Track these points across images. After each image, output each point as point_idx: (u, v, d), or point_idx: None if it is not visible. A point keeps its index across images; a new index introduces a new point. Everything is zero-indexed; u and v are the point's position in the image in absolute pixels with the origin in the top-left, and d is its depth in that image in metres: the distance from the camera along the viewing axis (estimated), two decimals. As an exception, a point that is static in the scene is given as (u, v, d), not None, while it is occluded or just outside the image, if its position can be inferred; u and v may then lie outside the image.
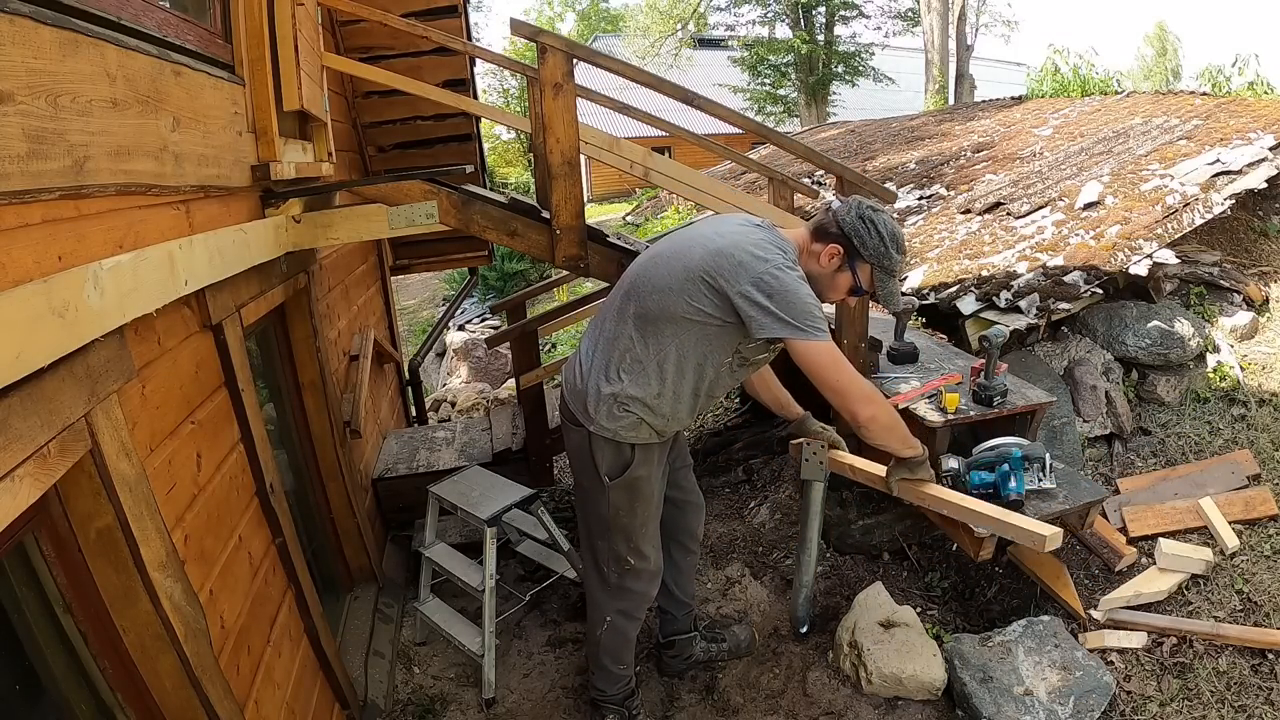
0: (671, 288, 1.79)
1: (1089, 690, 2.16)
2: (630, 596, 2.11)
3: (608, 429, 1.88)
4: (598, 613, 2.15)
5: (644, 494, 1.99)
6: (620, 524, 1.99)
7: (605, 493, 1.95)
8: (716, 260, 1.75)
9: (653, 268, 1.87)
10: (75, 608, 1.22)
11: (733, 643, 2.56)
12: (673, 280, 1.79)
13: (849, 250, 1.82)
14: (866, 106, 18.97)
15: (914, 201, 5.56)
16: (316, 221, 2.21)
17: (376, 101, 4.19)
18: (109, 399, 1.20)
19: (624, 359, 1.85)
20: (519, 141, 24.50)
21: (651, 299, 1.82)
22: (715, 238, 1.81)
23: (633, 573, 2.06)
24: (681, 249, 1.85)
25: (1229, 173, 3.88)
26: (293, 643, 1.98)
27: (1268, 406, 3.21)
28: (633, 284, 1.89)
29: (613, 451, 1.92)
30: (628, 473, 1.93)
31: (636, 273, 1.91)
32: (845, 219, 1.81)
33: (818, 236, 1.85)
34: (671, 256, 1.85)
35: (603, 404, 1.87)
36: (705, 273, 1.75)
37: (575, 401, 1.93)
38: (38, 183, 1.01)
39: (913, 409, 2.59)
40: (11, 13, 0.95)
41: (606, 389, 1.86)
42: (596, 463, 1.93)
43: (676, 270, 1.80)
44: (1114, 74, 9.54)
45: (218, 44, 1.87)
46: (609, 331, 1.90)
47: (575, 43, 2.60)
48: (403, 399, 5.05)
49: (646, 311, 1.82)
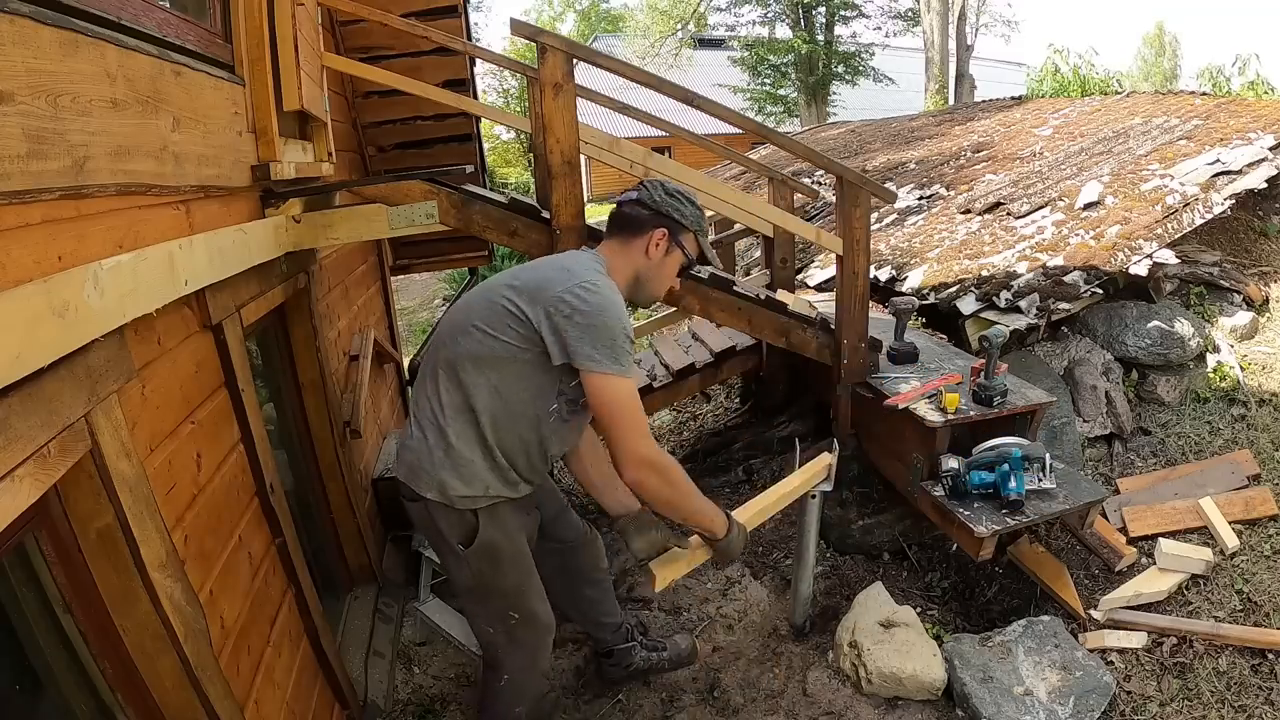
0: (471, 326, 1.65)
1: (1089, 690, 2.16)
2: (523, 650, 1.92)
3: (444, 495, 1.69)
4: (494, 671, 1.95)
5: (506, 556, 1.79)
6: (491, 588, 1.81)
7: (462, 562, 1.76)
8: (512, 290, 1.63)
9: (454, 314, 1.76)
10: (75, 608, 1.22)
11: (673, 652, 2.48)
12: (471, 318, 1.66)
13: (671, 228, 1.74)
14: (866, 106, 18.97)
15: (914, 201, 5.57)
16: (316, 221, 2.21)
17: (376, 101, 4.18)
18: (109, 399, 1.20)
19: (444, 414, 1.67)
20: (519, 141, 24.50)
21: (457, 343, 1.67)
22: (514, 273, 1.73)
23: (520, 625, 1.87)
24: (480, 289, 1.75)
25: (1229, 173, 3.88)
26: (293, 643, 1.98)
27: (1268, 406, 3.21)
28: (436, 339, 1.76)
29: (456, 519, 1.72)
30: (478, 539, 1.73)
31: (441, 326, 1.79)
32: (655, 199, 1.73)
33: (630, 233, 1.75)
34: (470, 299, 1.75)
35: (438, 468, 1.68)
36: (504, 301, 1.62)
37: (409, 473, 1.74)
38: (38, 183, 1.01)
39: (913, 409, 2.59)
40: (11, 13, 0.95)
41: (439, 450, 1.68)
42: (444, 533, 1.74)
43: (477, 308, 1.68)
44: (1114, 74, 9.56)
45: (218, 44, 1.87)
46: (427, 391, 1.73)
47: (575, 43, 2.60)
48: (403, 399, 5.04)
49: (454, 358, 1.67)
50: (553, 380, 1.66)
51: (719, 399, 4.86)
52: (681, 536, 1.96)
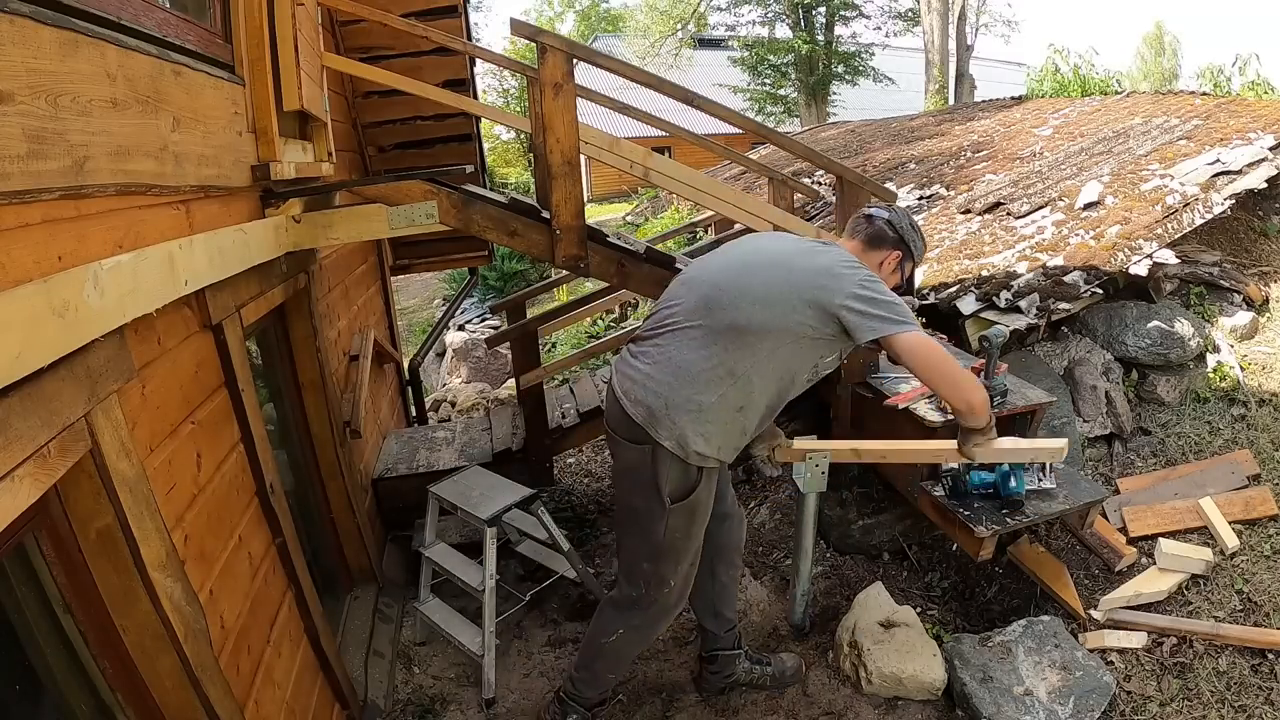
0: (774, 300, 1.77)
1: (1089, 690, 2.16)
2: (657, 615, 2.04)
3: (682, 449, 1.79)
4: (612, 621, 2.06)
5: (700, 516, 1.92)
6: (674, 547, 1.91)
7: (664, 516, 1.85)
8: (817, 277, 1.78)
9: (743, 280, 1.83)
10: (75, 608, 1.22)
11: (778, 669, 2.43)
12: (774, 293, 1.78)
13: (904, 254, 1.94)
14: (866, 106, 18.96)
15: (914, 201, 5.56)
16: (316, 221, 2.21)
17: (376, 101, 4.19)
18: (109, 399, 1.20)
19: (715, 373, 1.77)
20: (519, 141, 24.49)
21: (750, 311, 1.77)
22: (807, 255, 1.85)
23: (671, 592, 1.99)
24: (774, 263, 1.84)
25: (1229, 173, 3.88)
26: (293, 643, 1.98)
27: (1268, 406, 3.21)
28: (717, 297, 1.82)
29: (680, 472, 1.83)
30: (691, 496, 1.85)
31: (717, 284, 1.85)
32: (900, 226, 1.92)
33: (872, 245, 1.93)
34: (764, 269, 1.83)
35: (684, 420, 1.77)
36: (810, 287, 1.76)
37: (645, 416, 1.80)
38: (38, 183, 1.01)
39: (913, 409, 2.59)
40: (11, 13, 0.95)
41: (692, 404, 1.77)
42: (659, 484, 1.83)
43: (777, 283, 1.79)
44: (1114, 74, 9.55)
45: (218, 44, 1.87)
46: (691, 344, 1.80)
47: (575, 43, 2.60)
48: (403, 399, 5.04)
49: (742, 324, 1.77)
50: (816, 355, 1.84)
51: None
52: None
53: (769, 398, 1.85)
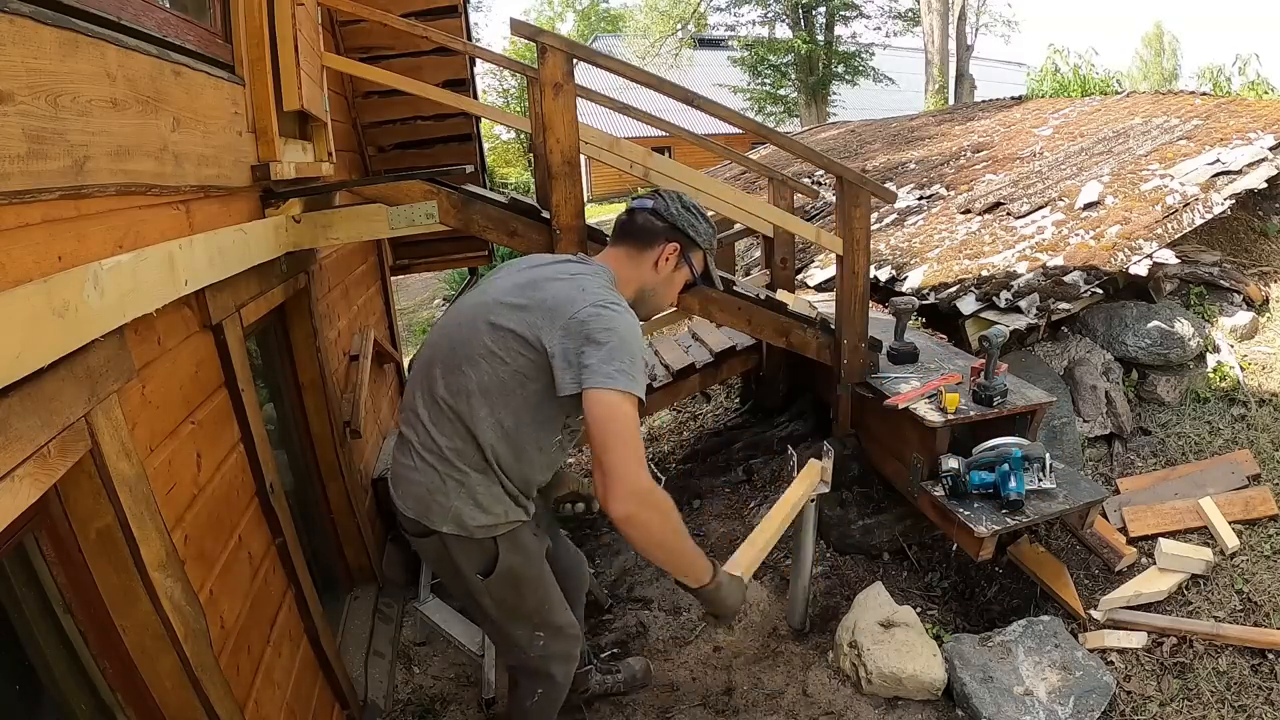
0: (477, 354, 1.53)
1: (1089, 690, 2.16)
2: (556, 662, 1.89)
3: (463, 528, 1.61)
4: (527, 686, 1.93)
5: (528, 577, 1.73)
6: (515, 612, 1.76)
7: (484, 593, 1.70)
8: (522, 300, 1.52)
9: (450, 337, 1.62)
10: (75, 608, 1.22)
11: (627, 674, 2.48)
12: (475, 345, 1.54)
13: (684, 244, 1.68)
14: (866, 106, 18.97)
15: (914, 201, 5.57)
16: (316, 221, 2.21)
17: (376, 101, 4.18)
18: (109, 399, 1.20)
19: (456, 443, 1.58)
20: (519, 141, 24.49)
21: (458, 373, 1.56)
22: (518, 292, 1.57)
23: (552, 639, 1.84)
24: (477, 304, 1.61)
25: (1229, 173, 3.88)
26: (293, 643, 1.98)
27: (1268, 406, 3.21)
28: (432, 364, 1.63)
29: (475, 550, 1.65)
30: (498, 567, 1.66)
31: (433, 350, 1.65)
32: (669, 212, 1.66)
33: (640, 245, 1.67)
34: (468, 321, 1.59)
35: (452, 499, 1.59)
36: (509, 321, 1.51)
37: (416, 509, 1.64)
38: (38, 183, 1.01)
39: (913, 409, 2.59)
40: (12, 13, 0.95)
41: (451, 480, 1.58)
42: (460, 567, 1.67)
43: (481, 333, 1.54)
44: (1114, 74, 9.55)
45: (218, 44, 1.87)
46: (429, 422, 1.61)
47: (575, 43, 2.60)
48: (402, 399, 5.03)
49: (456, 388, 1.56)
50: (559, 414, 1.59)
51: (719, 399, 4.86)
52: None
53: (536, 442, 1.61)
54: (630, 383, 1.40)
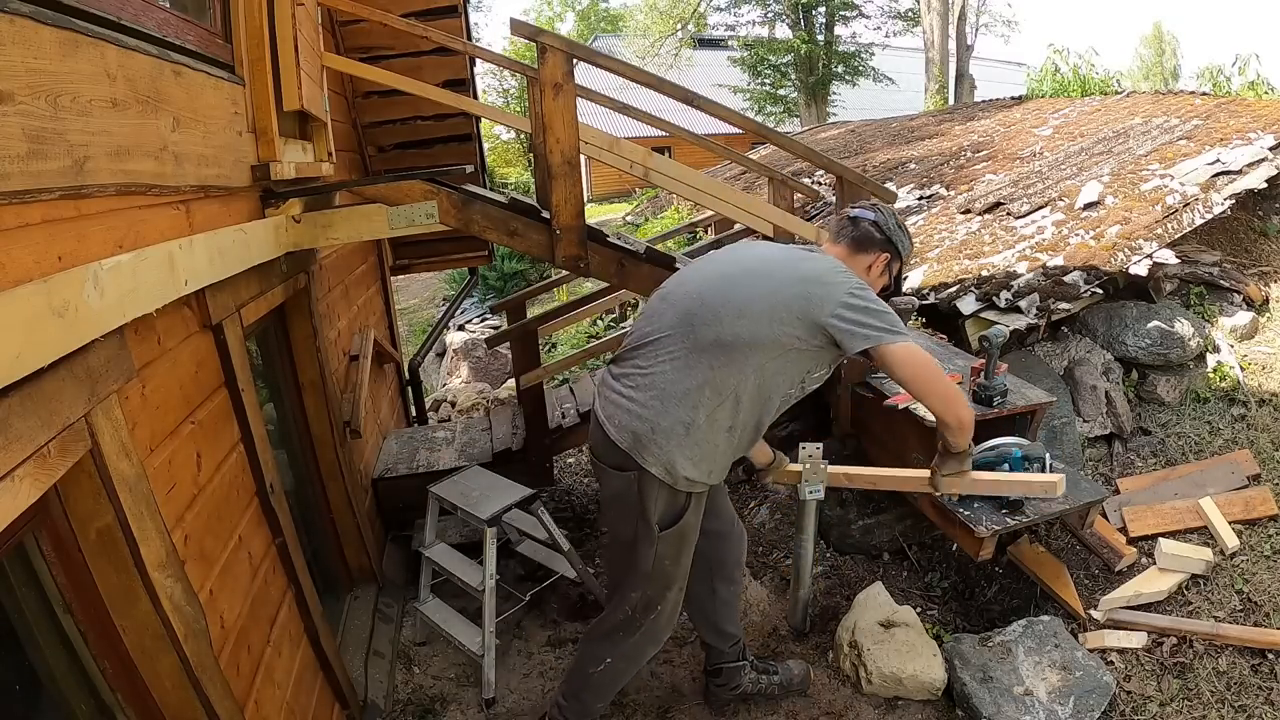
0: (758, 313, 1.70)
1: (1089, 690, 2.16)
2: (646, 642, 1.97)
3: (670, 475, 1.72)
4: (600, 650, 1.99)
5: (690, 541, 1.87)
6: (663, 573, 1.85)
7: (652, 544, 1.79)
8: (804, 286, 1.71)
9: (725, 292, 1.75)
10: (75, 608, 1.22)
11: (785, 676, 2.37)
12: (758, 305, 1.71)
13: (892, 255, 1.90)
14: (866, 106, 18.97)
15: (914, 201, 5.56)
16: (316, 221, 2.21)
17: (376, 101, 4.18)
18: (109, 399, 1.20)
19: (701, 392, 1.70)
20: (519, 141, 24.50)
21: (734, 325, 1.70)
22: (791, 263, 1.78)
23: (660, 616, 1.93)
24: (756, 273, 1.77)
25: (1229, 173, 3.88)
26: (293, 643, 1.98)
27: (1268, 406, 3.21)
28: (698, 311, 1.75)
29: (668, 498, 1.76)
30: (680, 521, 1.79)
31: (698, 298, 1.77)
32: (887, 227, 1.88)
33: (859, 248, 1.88)
34: (747, 281, 1.76)
35: (672, 444, 1.70)
36: (796, 298, 1.70)
37: (630, 442, 1.73)
38: (38, 183, 1.01)
39: (913, 409, 2.59)
40: (11, 13, 0.95)
41: (679, 427, 1.70)
42: (648, 511, 1.76)
43: (761, 295, 1.72)
44: (1114, 74, 9.55)
45: (218, 44, 1.87)
46: (674, 364, 1.73)
47: (575, 43, 2.60)
48: (403, 399, 5.04)
49: (727, 339, 1.70)
50: (804, 368, 1.78)
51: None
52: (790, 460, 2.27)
53: (757, 415, 1.78)
54: (906, 334, 1.71)
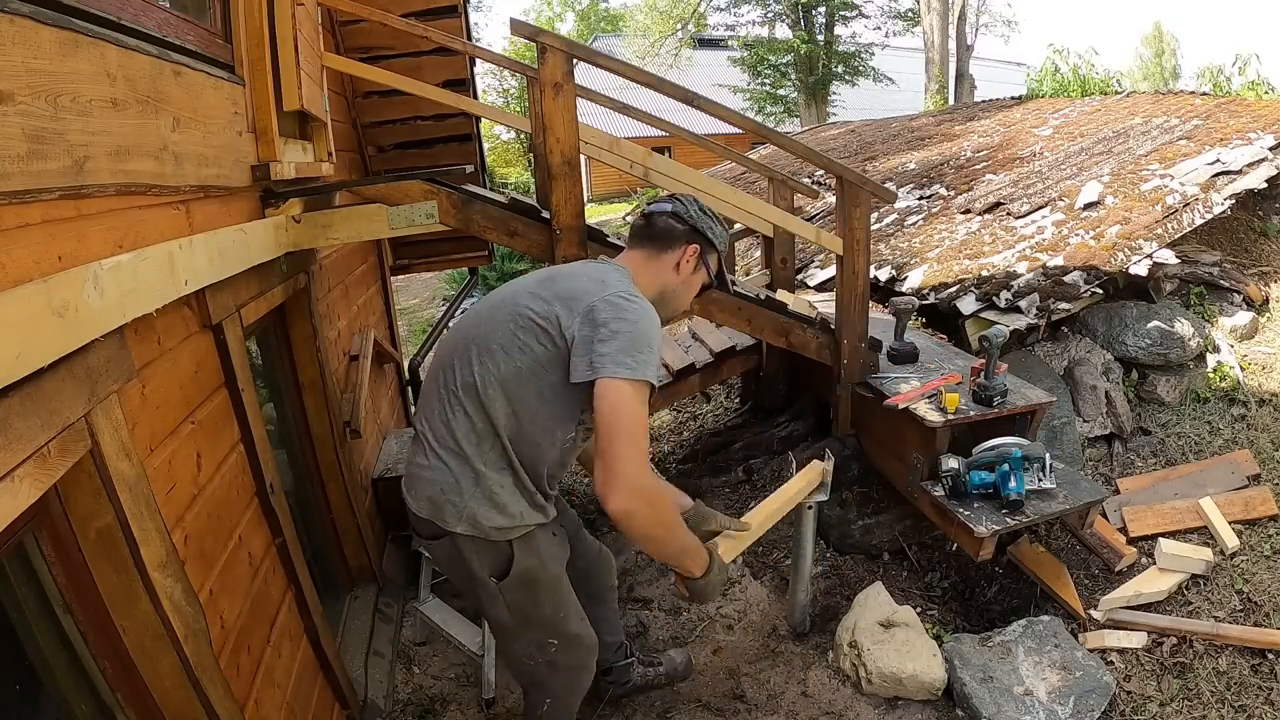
0: (499, 346, 1.55)
1: (1089, 690, 2.16)
2: (569, 673, 1.86)
3: (478, 528, 1.59)
4: (538, 694, 1.89)
5: (543, 584, 1.70)
6: (527, 619, 1.72)
7: (498, 597, 1.66)
8: (549, 307, 1.54)
9: (469, 333, 1.63)
10: (75, 608, 1.22)
11: (669, 666, 2.44)
12: (499, 338, 1.56)
13: (703, 245, 1.70)
14: (867, 106, 18.96)
15: (914, 201, 5.57)
16: (316, 221, 2.21)
17: (376, 101, 4.18)
18: (109, 399, 1.20)
19: (469, 438, 1.57)
20: (519, 141, 24.51)
21: (476, 363, 1.57)
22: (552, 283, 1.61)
23: (562, 649, 1.80)
24: (504, 305, 1.62)
25: (1229, 173, 3.88)
26: (293, 643, 1.98)
27: (1268, 406, 3.21)
28: (449, 357, 1.64)
29: (489, 552, 1.63)
30: (513, 570, 1.64)
31: (451, 344, 1.67)
32: (689, 215, 1.68)
33: (659, 247, 1.68)
34: (493, 315, 1.62)
35: (467, 498, 1.57)
36: (539, 320, 1.53)
37: (429, 509, 1.62)
38: (38, 183, 1.01)
39: (913, 409, 2.59)
40: (11, 13, 0.95)
41: (465, 478, 1.57)
42: (473, 570, 1.64)
43: (504, 327, 1.57)
44: (1114, 74, 9.54)
45: (218, 44, 1.87)
46: (445, 415, 1.61)
47: (575, 43, 2.60)
48: (403, 399, 5.04)
49: (472, 380, 1.57)
50: (575, 407, 1.58)
51: (719, 399, 4.86)
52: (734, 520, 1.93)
53: (550, 435, 1.60)
54: (639, 373, 1.41)
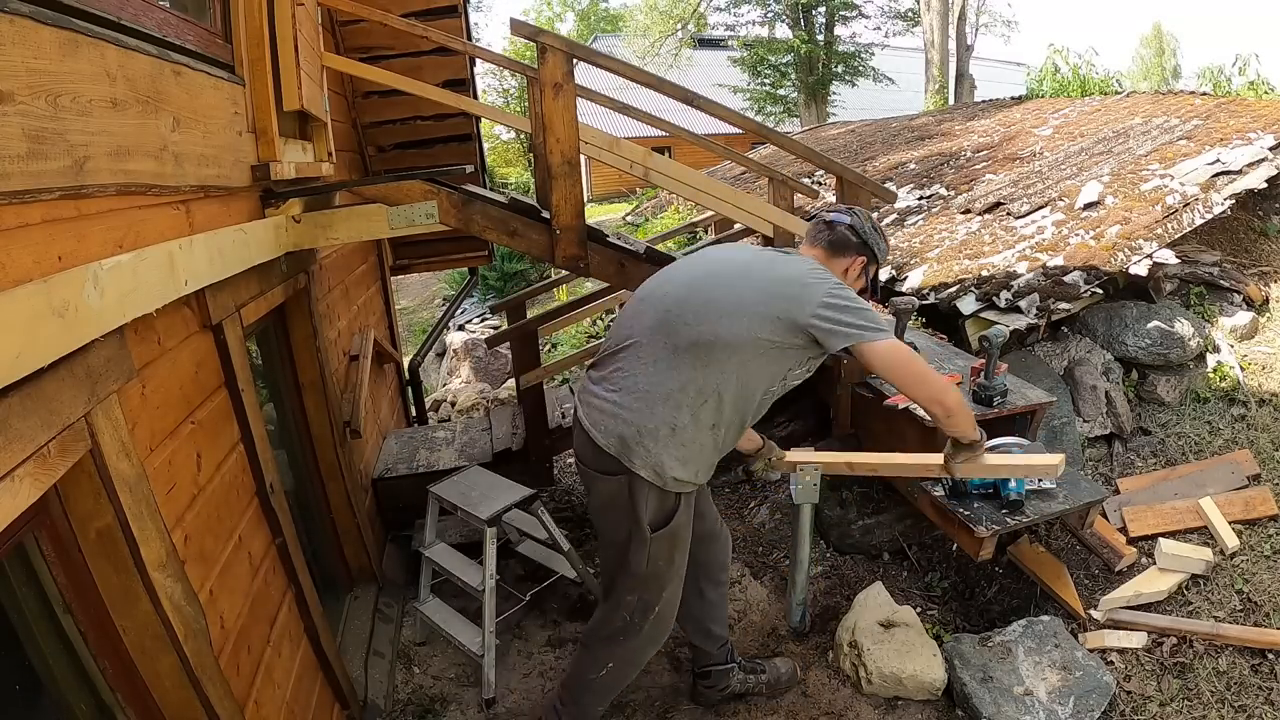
0: (738, 314, 1.71)
1: (1089, 690, 2.16)
2: (646, 643, 1.98)
3: (659, 476, 1.73)
4: (600, 654, 2.00)
5: (683, 541, 1.88)
6: (658, 575, 1.86)
7: (645, 546, 1.80)
8: (784, 286, 1.73)
9: (705, 293, 1.77)
10: (75, 608, 1.22)
11: (772, 675, 2.39)
12: (738, 306, 1.72)
13: (869, 259, 1.92)
14: (866, 106, 18.96)
15: (914, 201, 5.57)
16: (316, 221, 2.21)
17: (376, 101, 4.19)
18: (109, 399, 1.20)
19: (684, 393, 1.71)
20: (519, 141, 24.50)
21: (715, 325, 1.71)
22: (770, 265, 1.81)
23: (658, 618, 1.93)
24: (735, 274, 1.79)
25: (1229, 173, 3.88)
26: (293, 643, 1.98)
27: (1268, 406, 3.21)
28: (678, 312, 1.76)
29: (657, 500, 1.77)
30: (671, 522, 1.80)
31: (678, 299, 1.79)
32: (863, 230, 1.90)
33: (835, 252, 1.90)
34: (726, 282, 1.78)
35: (659, 446, 1.72)
36: (776, 298, 1.71)
37: (618, 446, 1.74)
38: (38, 183, 1.01)
39: (913, 409, 2.59)
40: (11, 13, 0.95)
41: (664, 428, 1.71)
42: (639, 514, 1.77)
43: (740, 296, 1.73)
44: (1114, 74, 9.54)
45: (218, 44, 1.87)
46: (656, 366, 1.74)
47: (575, 43, 2.60)
48: (403, 399, 5.04)
49: (708, 339, 1.71)
50: (785, 367, 1.78)
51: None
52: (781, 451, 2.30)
53: (741, 413, 1.79)
54: (888, 331, 1.71)
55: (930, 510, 2.59)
